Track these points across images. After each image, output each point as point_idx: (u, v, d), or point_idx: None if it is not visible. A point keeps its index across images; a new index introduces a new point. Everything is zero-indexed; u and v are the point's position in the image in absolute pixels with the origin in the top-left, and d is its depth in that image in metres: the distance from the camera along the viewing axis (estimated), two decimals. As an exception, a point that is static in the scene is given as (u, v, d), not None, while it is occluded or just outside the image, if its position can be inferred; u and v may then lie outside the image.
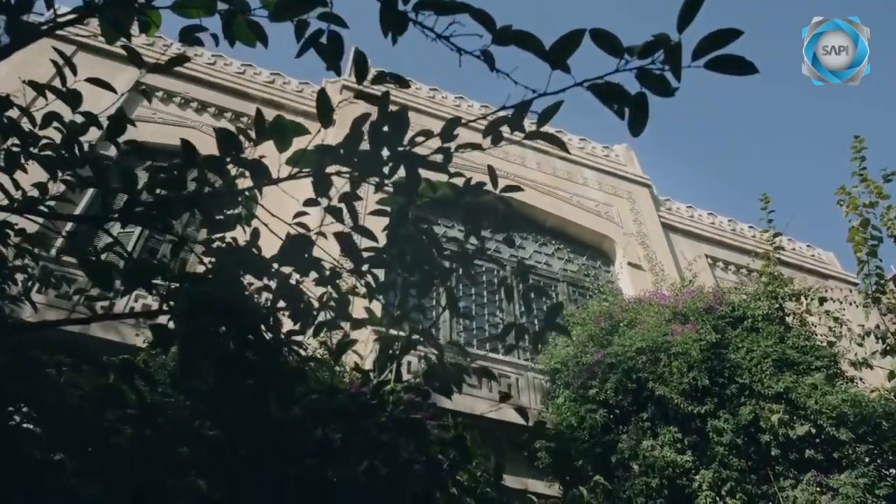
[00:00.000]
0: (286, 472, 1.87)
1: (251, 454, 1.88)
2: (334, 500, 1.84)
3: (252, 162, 1.56)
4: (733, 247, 13.61)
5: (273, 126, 1.66)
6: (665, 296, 8.72)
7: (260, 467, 1.87)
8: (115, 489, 1.62)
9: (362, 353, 7.59)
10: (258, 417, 1.87)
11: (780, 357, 7.55)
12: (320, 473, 1.87)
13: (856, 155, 8.48)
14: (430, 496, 1.74)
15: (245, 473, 1.87)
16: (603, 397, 7.63)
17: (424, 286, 1.96)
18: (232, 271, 1.28)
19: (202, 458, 1.78)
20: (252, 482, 1.92)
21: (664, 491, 6.95)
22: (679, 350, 7.46)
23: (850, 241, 8.13)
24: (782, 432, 6.90)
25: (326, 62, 1.47)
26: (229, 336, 1.85)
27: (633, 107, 1.33)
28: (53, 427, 1.49)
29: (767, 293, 8.52)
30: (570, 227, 12.07)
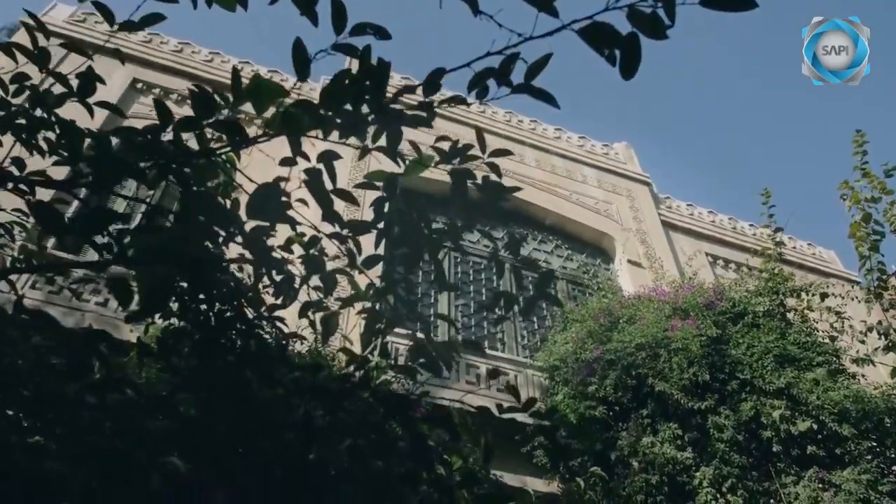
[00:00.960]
0: (267, 451, 1.79)
1: (231, 432, 1.80)
2: (317, 480, 1.76)
3: (228, 122, 1.48)
4: (734, 245, 13.53)
5: (250, 87, 1.59)
6: (665, 292, 8.64)
7: (239, 445, 1.79)
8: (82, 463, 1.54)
9: (353, 339, 7.50)
10: (238, 394, 1.80)
11: (782, 353, 7.47)
12: (303, 453, 1.79)
13: (857, 149, 8.41)
14: (415, 475, 1.66)
15: (225, 452, 1.79)
16: (602, 394, 7.55)
17: (412, 259, 1.88)
18: (194, 217, 1.21)
19: (178, 435, 1.70)
20: (233, 461, 1.84)
21: (664, 488, 6.87)
22: (679, 346, 7.38)
23: (852, 236, 8.05)
24: (784, 428, 6.82)
25: (299, 7, 1.39)
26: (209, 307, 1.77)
27: (625, 49, 1.25)
28: (17, 397, 1.42)
29: (768, 289, 8.44)
30: (569, 224, 11.99)
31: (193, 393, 1.77)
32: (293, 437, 1.83)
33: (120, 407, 1.59)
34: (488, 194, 1.80)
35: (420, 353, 1.80)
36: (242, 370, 1.81)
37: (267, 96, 1.59)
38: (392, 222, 1.94)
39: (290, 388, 1.82)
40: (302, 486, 1.82)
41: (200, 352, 1.80)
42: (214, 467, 1.87)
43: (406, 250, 1.87)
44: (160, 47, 11.49)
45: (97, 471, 1.50)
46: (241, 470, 1.84)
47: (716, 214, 14.35)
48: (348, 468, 1.74)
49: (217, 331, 1.81)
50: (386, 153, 1.69)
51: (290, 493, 1.87)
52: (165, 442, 1.81)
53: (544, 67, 1.38)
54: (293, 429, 1.82)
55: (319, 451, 1.77)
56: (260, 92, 1.59)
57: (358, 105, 1.42)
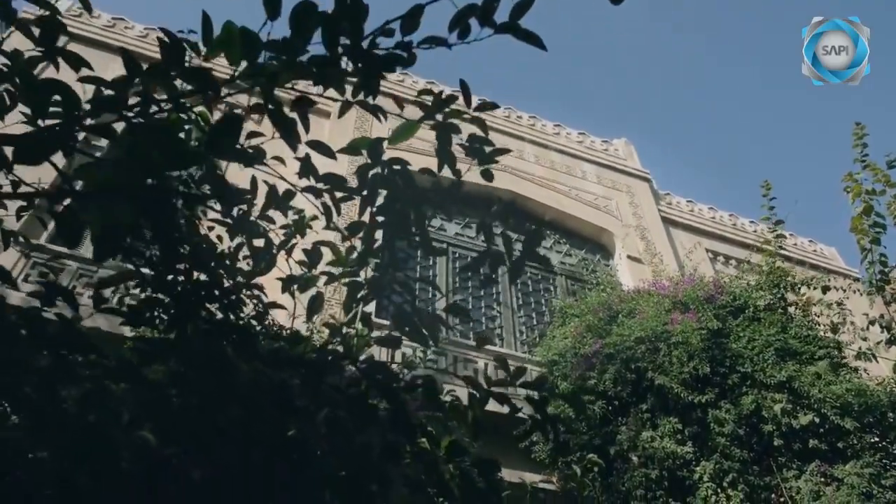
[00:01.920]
0: (245, 425, 1.71)
1: (206, 405, 1.71)
2: (296, 454, 1.68)
3: (197, 71, 1.40)
4: (734, 241, 13.45)
5: (223, 37, 1.50)
6: (665, 286, 8.56)
7: (215, 419, 1.71)
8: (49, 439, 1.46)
9: (337, 311, 7.40)
10: (214, 366, 1.71)
11: (783, 346, 7.38)
12: (282, 426, 1.71)
13: (857, 142, 8.33)
14: (397, 448, 1.58)
15: (200, 426, 1.71)
16: (602, 388, 7.47)
17: (397, 224, 1.79)
18: (146, 150, 1.12)
19: (150, 407, 1.62)
20: (209, 436, 1.76)
21: (664, 483, 6.79)
22: (679, 339, 7.30)
23: (854, 229, 7.96)
24: (785, 422, 6.73)
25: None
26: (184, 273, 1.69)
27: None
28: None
29: (769, 283, 8.35)
30: (568, 220, 11.90)
31: (167, 364, 1.69)
32: (272, 410, 1.75)
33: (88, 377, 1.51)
34: (475, 153, 1.71)
35: (404, 321, 1.71)
36: (219, 341, 1.73)
37: (241, 47, 1.51)
38: (375, 188, 1.85)
39: (268, 361, 1.74)
40: (281, 460, 1.73)
41: (174, 321, 1.72)
42: (189, 442, 1.78)
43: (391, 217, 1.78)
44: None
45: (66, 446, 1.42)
46: (217, 445, 1.76)
47: (716, 211, 14.27)
48: (328, 441, 1.66)
49: (192, 299, 1.73)
50: (367, 107, 1.61)
51: (269, 468, 1.79)
52: (137, 415, 1.73)
53: (530, 7, 1.29)
54: (271, 402, 1.74)
55: (299, 425, 1.69)
56: (233, 41, 1.50)
57: (334, 47, 1.33)
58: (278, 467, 1.78)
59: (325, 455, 1.74)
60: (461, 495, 1.58)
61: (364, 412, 1.62)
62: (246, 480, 1.80)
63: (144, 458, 1.70)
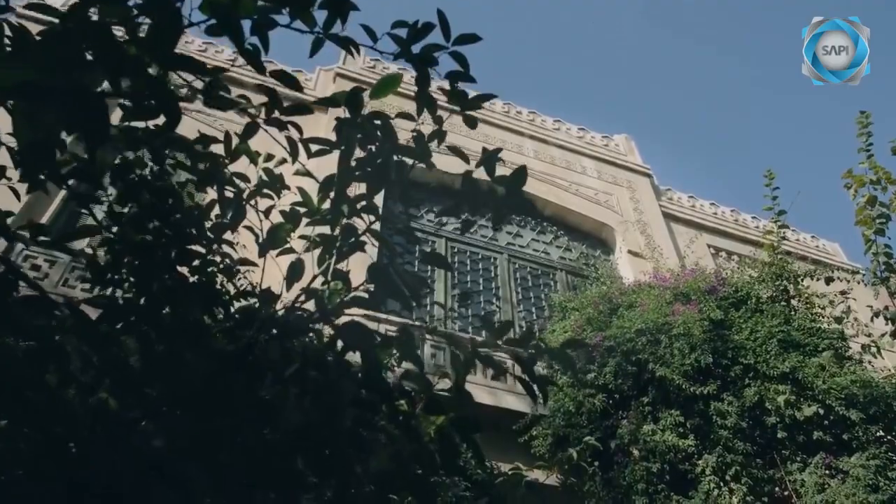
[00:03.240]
0: (212, 387, 1.60)
1: (170, 365, 1.60)
2: (264, 415, 1.56)
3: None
4: (736, 236, 13.32)
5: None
6: (666, 278, 8.44)
7: (179, 380, 1.60)
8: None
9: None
10: (178, 325, 1.60)
11: (786, 338, 7.26)
12: (250, 387, 1.60)
13: (862, 130, 8.21)
14: (372, 404, 1.47)
15: (163, 388, 1.60)
16: (602, 381, 7.35)
17: (375, 176, 1.68)
18: (76, 50, 1.01)
19: (109, 367, 1.51)
20: (172, 399, 1.65)
21: (666, 476, 6.66)
22: (681, 331, 7.17)
23: (859, 221, 7.83)
24: (789, 414, 6.60)
25: None
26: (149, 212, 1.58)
27: None
28: None
29: (771, 273, 8.22)
30: (569, 215, 11.79)
31: (128, 322, 1.58)
32: (240, 373, 1.64)
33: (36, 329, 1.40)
34: (455, 98, 1.60)
35: (380, 276, 1.60)
36: (185, 297, 1.62)
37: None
38: (353, 140, 1.74)
39: (238, 320, 1.62)
40: (248, 422, 1.62)
41: (137, 277, 1.61)
42: (152, 407, 1.67)
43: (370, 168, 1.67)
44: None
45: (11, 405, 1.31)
46: (181, 407, 1.64)
47: (718, 206, 14.15)
48: (297, 401, 1.55)
49: (158, 253, 1.62)
50: (337, 41, 1.50)
51: (235, 432, 1.67)
52: (95, 376, 1.62)
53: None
54: (240, 363, 1.63)
55: (268, 386, 1.58)
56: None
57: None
58: (247, 433, 1.67)
59: (293, 414, 1.63)
60: (440, 456, 1.47)
61: (336, 369, 1.51)
62: (212, 447, 1.69)
63: (104, 419, 1.59)
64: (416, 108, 1.65)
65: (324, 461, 1.64)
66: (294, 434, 1.60)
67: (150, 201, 1.62)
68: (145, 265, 1.61)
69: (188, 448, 1.67)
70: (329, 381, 1.52)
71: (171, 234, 1.64)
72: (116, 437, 1.60)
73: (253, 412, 1.60)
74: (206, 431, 1.64)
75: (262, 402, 1.59)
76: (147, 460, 1.64)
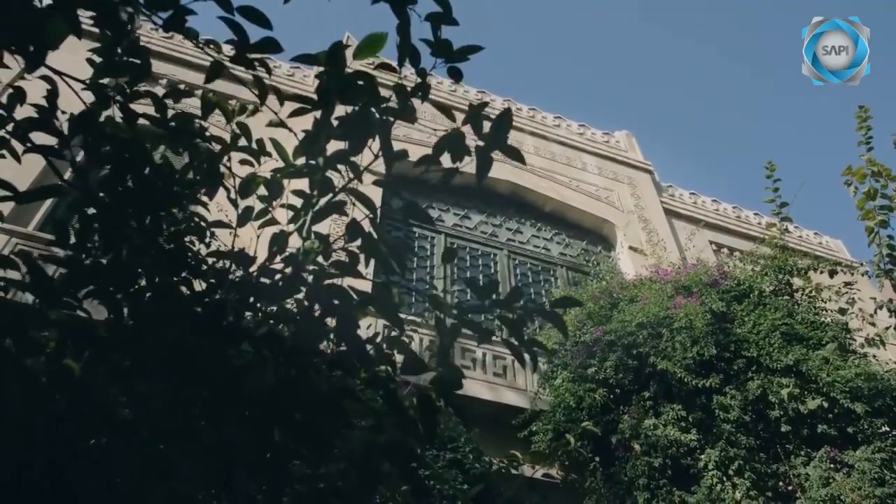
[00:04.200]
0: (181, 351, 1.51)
1: (139, 328, 1.52)
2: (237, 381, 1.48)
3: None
4: (738, 233, 13.22)
5: None
6: (667, 271, 8.34)
7: (146, 343, 1.51)
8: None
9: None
10: (148, 288, 1.52)
11: (789, 331, 7.15)
12: (222, 352, 1.51)
13: (861, 124, 8.12)
14: (349, 366, 1.38)
15: (129, 351, 1.51)
16: (602, 376, 7.26)
17: (357, 134, 1.59)
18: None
19: (70, 329, 1.42)
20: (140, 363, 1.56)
21: (667, 471, 6.56)
22: (682, 324, 7.07)
23: (859, 212, 7.73)
24: (793, 407, 6.48)
25: None
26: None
27: None
28: None
29: (774, 266, 8.11)
30: (569, 211, 11.70)
31: (95, 284, 1.50)
32: (210, 335, 1.55)
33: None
34: (439, 50, 1.52)
35: (359, 235, 1.51)
36: (155, 259, 1.53)
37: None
38: (333, 101, 1.66)
39: (210, 282, 1.54)
40: (219, 388, 1.54)
41: (105, 238, 1.52)
42: (118, 375, 1.59)
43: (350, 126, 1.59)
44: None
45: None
46: (149, 374, 1.56)
47: (719, 203, 14.05)
48: (271, 364, 1.46)
49: (127, 212, 1.53)
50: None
51: (210, 404, 1.59)
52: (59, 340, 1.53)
53: None
54: (209, 325, 1.54)
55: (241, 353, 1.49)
56: None
57: None
58: (219, 402, 1.59)
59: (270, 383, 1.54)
60: (421, 418, 1.38)
61: (310, 331, 1.42)
62: (183, 418, 1.60)
63: (66, 383, 1.50)
64: (398, 57, 1.56)
65: (300, 430, 1.55)
66: (267, 398, 1.51)
67: (117, 156, 1.53)
68: (113, 225, 1.52)
69: (158, 418, 1.59)
70: (303, 343, 1.43)
71: (141, 193, 1.56)
72: (81, 406, 1.52)
73: (223, 377, 1.52)
74: (177, 399, 1.55)
75: (232, 367, 1.51)
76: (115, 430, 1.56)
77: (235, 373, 1.54)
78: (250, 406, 1.54)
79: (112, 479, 1.55)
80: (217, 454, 1.72)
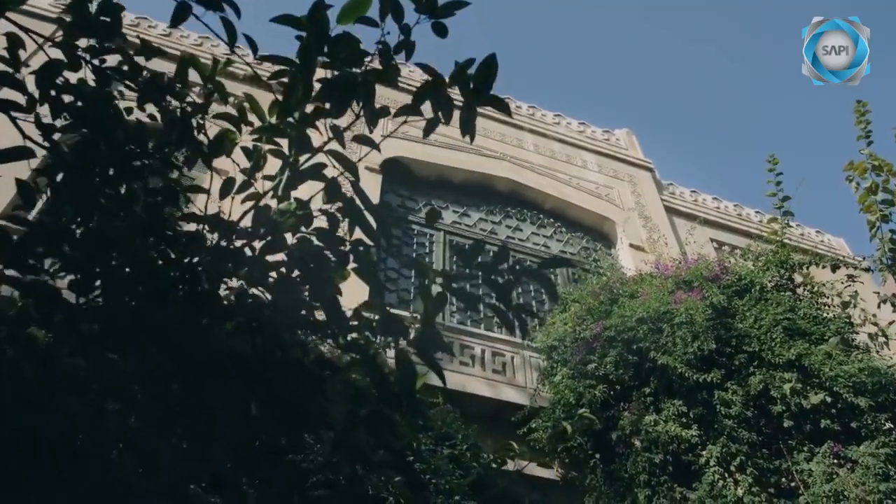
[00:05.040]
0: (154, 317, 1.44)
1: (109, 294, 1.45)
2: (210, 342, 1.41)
3: None
4: (739, 231, 13.13)
5: None
6: (668, 266, 8.26)
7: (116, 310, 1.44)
8: None
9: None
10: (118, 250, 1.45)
11: (791, 326, 7.06)
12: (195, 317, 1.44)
13: (860, 118, 8.05)
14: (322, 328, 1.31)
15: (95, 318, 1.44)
16: (602, 372, 7.18)
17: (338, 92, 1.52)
18: None
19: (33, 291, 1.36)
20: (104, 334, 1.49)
21: (668, 467, 6.48)
22: (683, 319, 6.99)
23: (862, 207, 7.66)
24: (795, 402, 6.40)
25: None
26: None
27: None
28: None
29: (776, 261, 8.03)
30: (569, 209, 11.63)
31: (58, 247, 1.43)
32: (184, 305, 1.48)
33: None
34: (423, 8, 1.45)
35: (337, 198, 1.44)
36: (127, 225, 1.46)
37: None
38: (313, 62, 1.59)
39: (184, 247, 1.47)
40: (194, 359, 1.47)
41: (72, 199, 1.46)
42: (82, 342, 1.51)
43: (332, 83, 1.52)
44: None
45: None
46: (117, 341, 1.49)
47: (720, 201, 13.97)
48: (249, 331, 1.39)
49: (95, 168, 1.46)
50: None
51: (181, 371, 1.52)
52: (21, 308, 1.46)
53: None
54: (186, 295, 1.47)
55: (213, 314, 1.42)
56: None
57: None
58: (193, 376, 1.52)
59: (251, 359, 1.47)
60: (401, 382, 1.31)
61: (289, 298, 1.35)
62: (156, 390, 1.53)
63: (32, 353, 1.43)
64: (380, 11, 1.49)
65: (278, 402, 1.48)
66: (245, 369, 1.44)
67: (85, 114, 1.46)
68: (81, 186, 1.46)
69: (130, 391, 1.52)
70: (281, 311, 1.36)
71: (113, 157, 1.49)
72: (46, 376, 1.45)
73: (197, 347, 1.45)
74: (148, 370, 1.48)
75: (206, 337, 1.44)
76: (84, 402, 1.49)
77: (210, 343, 1.47)
78: (227, 378, 1.47)
79: (83, 450, 1.49)
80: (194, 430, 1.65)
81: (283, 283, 1.38)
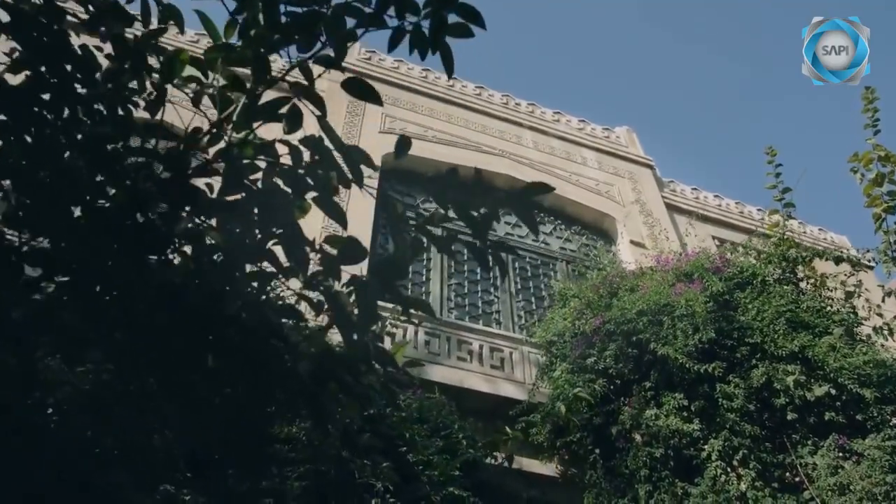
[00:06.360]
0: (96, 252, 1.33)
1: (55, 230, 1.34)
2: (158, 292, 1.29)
3: None
4: (741, 228, 12.99)
5: None
6: (668, 260, 8.14)
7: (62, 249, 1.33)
8: None
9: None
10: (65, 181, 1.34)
11: (794, 318, 6.93)
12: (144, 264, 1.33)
13: (868, 106, 7.94)
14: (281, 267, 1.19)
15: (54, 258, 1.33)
16: (602, 366, 7.05)
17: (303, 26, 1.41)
18: None
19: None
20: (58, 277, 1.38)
21: (670, 462, 6.33)
22: (683, 311, 6.86)
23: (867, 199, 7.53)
24: (799, 394, 6.25)
25: None
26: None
27: None
28: None
29: (778, 254, 7.90)
30: (569, 205, 11.50)
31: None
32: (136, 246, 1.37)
33: None
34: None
35: (298, 127, 1.32)
36: (70, 158, 1.35)
37: None
38: None
39: (131, 171, 1.35)
40: (142, 302, 1.35)
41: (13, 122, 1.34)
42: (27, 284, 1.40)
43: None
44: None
45: None
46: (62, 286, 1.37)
47: (722, 198, 13.85)
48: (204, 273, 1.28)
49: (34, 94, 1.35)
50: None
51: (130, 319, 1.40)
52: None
53: None
54: (136, 234, 1.36)
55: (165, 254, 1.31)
56: None
57: None
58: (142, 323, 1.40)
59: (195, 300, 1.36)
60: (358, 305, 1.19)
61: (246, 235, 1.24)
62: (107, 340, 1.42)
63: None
64: None
65: (235, 351, 1.36)
66: (199, 315, 1.33)
67: (28, 36, 1.35)
68: (23, 109, 1.34)
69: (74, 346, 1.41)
70: (236, 249, 1.24)
71: (59, 88, 1.38)
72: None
73: (147, 291, 1.33)
74: (95, 315, 1.37)
75: (157, 279, 1.32)
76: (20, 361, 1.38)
77: (160, 285, 1.35)
78: (176, 322, 1.35)
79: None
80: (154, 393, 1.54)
81: (242, 219, 1.27)
